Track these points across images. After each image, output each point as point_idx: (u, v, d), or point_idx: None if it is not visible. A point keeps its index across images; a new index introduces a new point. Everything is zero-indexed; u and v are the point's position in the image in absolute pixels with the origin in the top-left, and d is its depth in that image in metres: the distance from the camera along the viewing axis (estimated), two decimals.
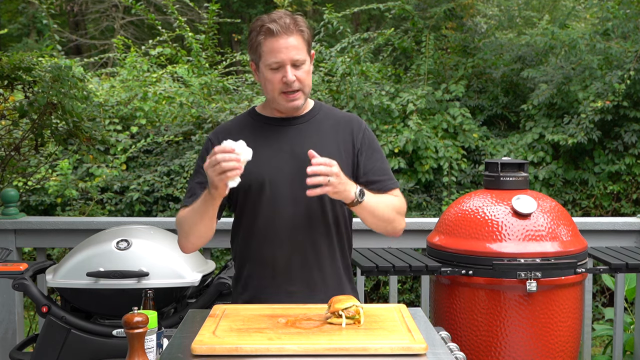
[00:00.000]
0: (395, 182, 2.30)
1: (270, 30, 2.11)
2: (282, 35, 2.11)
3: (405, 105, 5.64)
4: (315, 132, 2.24)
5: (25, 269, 2.92)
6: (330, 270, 2.24)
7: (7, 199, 3.72)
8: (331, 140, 2.23)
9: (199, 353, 1.66)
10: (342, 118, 2.31)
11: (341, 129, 2.26)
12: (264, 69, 2.16)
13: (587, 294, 3.34)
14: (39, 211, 5.56)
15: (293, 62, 2.13)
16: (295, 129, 2.24)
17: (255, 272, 2.24)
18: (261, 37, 2.13)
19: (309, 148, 2.10)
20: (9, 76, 3.80)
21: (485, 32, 6.74)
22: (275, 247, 2.20)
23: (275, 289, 2.20)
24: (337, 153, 2.20)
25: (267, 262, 2.21)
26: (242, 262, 2.29)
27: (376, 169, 2.26)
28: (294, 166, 2.17)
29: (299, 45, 2.14)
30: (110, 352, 2.78)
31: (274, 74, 2.15)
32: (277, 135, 2.23)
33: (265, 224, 2.20)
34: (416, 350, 1.66)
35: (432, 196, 5.62)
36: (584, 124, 5.31)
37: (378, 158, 2.28)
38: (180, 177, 5.47)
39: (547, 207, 2.78)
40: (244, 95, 6.12)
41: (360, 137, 2.26)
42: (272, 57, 2.12)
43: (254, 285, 2.25)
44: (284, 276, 2.21)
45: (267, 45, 2.13)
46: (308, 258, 2.21)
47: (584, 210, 5.52)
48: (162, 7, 9.17)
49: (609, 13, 5.95)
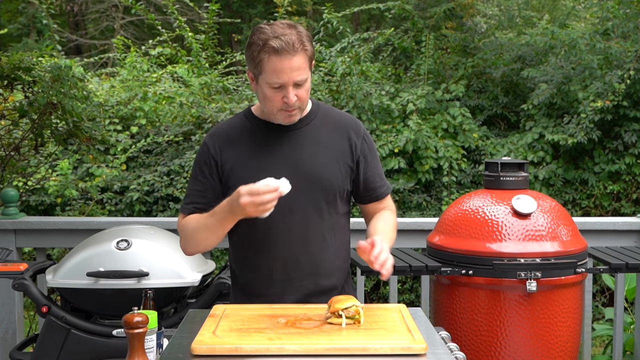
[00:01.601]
0: (389, 187, 2.35)
1: (274, 50, 2.02)
2: (286, 55, 2.02)
3: (405, 105, 5.64)
4: (313, 138, 2.20)
5: (25, 269, 2.92)
6: (327, 278, 2.22)
7: (7, 199, 3.71)
8: (329, 146, 2.21)
9: (199, 353, 1.66)
10: (341, 121, 2.27)
11: (339, 135, 2.23)
12: (264, 85, 2.09)
13: (587, 294, 3.34)
14: (39, 211, 5.56)
15: (295, 83, 2.07)
16: (293, 135, 2.19)
17: (251, 280, 2.23)
18: (264, 55, 2.03)
19: (306, 155, 2.14)
20: (8, 76, 3.80)
21: (485, 32, 6.75)
22: (271, 256, 2.18)
23: (273, 297, 2.18)
24: (334, 161, 2.20)
25: (263, 270, 2.19)
26: (238, 268, 2.28)
27: (374, 176, 2.28)
28: (291, 174, 2.09)
29: (303, 64, 2.05)
30: (110, 352, 2.78)
31: (274, 93, 2.08)
32: (275, 142, 2.19)
33: (261, 233, 2.17)
34: (416, 350, 1.66)
35: (432, 196, 5.62)
36: (584, 124, 5.31)
37: (375, 164, 2.30)
38: (180, 177, 5.47)
39: (547, 207, 2.78)
40: (244, 95, 6.13)
41: (360, 144, 2.24)
42: (275, 77, 2.04)
43: (251, 293, 2.23)
44: (280, 284, 2.19)
45: (269, 65, 2.04)
46: (304, 266, 2.19)
47: (584, 210, 5.52)
48: (162, 7, 9.17)
49: (609, 13, 5.95)
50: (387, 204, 2.35)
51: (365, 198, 2.30)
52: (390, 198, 2.37)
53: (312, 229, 2.18)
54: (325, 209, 2.18)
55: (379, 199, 2.31)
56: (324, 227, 2.19)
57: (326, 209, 2.19)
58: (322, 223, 2.19)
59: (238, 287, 2.29)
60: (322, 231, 2.19)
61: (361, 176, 2.25)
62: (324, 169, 2.18)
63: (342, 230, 2.27)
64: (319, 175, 2.17)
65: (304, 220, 2.16)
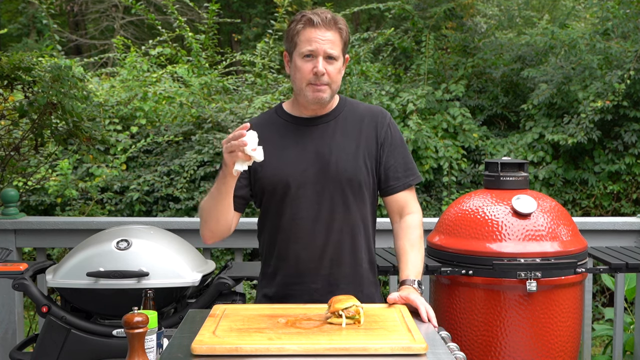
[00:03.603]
0: (416, 178, 2.31)
1: (310, 21, 2.14)
2: (320, 27, 2.13)
3: (405, 105, 5.64)
4: (339, 132, 2.24)
5: (25, 269, 2.92)
6: (353, 269, 2.26)
7: (7, 199, 3.71)
8: (354, 140, 2.24)
9: (199, 353, 1.66)
10: (367, 113, 2.31)
11: (365, 126, 2.27)
12: (297, 58, 2.17)
13: (587, 294, 3.34)
14: (39, 211, 5.56)
15: (327, 55, 2.14)
16: (319, 129, 2.24)
17: (280, 269, 2.27)
18: (300, 26, 2.16)
19: (332, 148, 2.19)
20: (8, 76, 3.79)
21: (485, 32, 6.75)
22: (299, 247, 2.22)
23: (299, 285, 2.23)
24: (360, 153, 2.23)
25: (291, 260, 2.24)
26: (267, 258, 2.32)
27: (397, 165, 2.28)
28: (317, 167, 2.19)
29: (336, 40, 2.16)
30: (110, 352, 2.78)
31: (305, 63, 2.15)
32: (302, 136, 2.24)
33: (289, 224, 2.22)
34: (416, 350, 1.66)
35: (432, 196, 5.62)
36: (584, 124, 5.31)
37: (400, 153, 2.29)
38: (180, 177, 5.47)
39: (547, 207, 2.78)
40: (244, 95, 6.13)
41: (384, 133, 2.27)
42: (307, 44, 2.14)
43: (278, 281, 2.27)
44: (307, 274, 2.23)
45: (304, 34, 2.15)
46: (331, 257, 2.23)
47: (584, 210, 5.52)
48: (162, 7, 9.17)
49: (609, 13, 5.95)
50: (413, 207, 2.30)
51: (389, 189, 2.28)
52: (416, 198, 2.33)
53: (338, 220, 2.21)
54: (352, 200, 2.22)
55: (400, 190, 2.28)
56: (350, 218, 2.22)
57: (353, 201, 2.22)
58: (348, 214, 2.22)
59: (266, 276, 2.32)
60: (348, 222, 2.22)
61: (383, 164, 2.26)
62: (350, 161, 2.21)
63: (368, 223, 2.29)
64: (344, 168, 2.20)
65: (330, 212, 2.20)
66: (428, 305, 2.03)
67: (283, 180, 2.20)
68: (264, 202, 2.26)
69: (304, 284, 2.23)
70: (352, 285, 2.24)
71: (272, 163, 2.19)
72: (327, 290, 2.20)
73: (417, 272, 2.18)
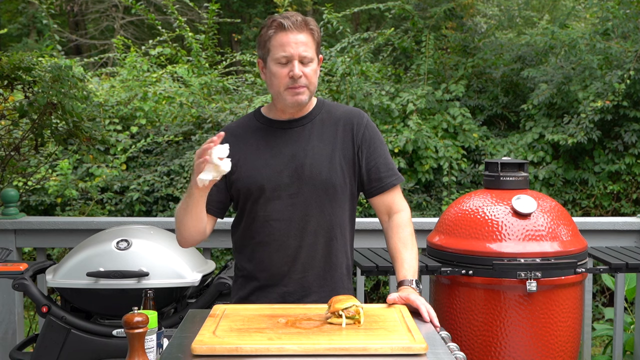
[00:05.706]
0: (398, 178, 2.28)
1: (281, 25, 2.13)
2: (292, 31, 2.12)
3: (405, 105, 5.64)
4: (315, 135, 2.22)
5: (25, 269, 2.92)
6: (327, 273, 2.24)
7: (7, 199, 3.71)
8: (330, 143, 2.22)
9: (199, 353, 1.66)
10: (343, 116, 2.28)
11: (341, 129, 2.25)
12: (272, 64, 2.15)
13: (587, 294, 3.34)
14: (39, 211, 5.56)
15: (301, 58, 2.13)
16: (296, 132, 2.23)
17: (252, 273, 2.25)
18: (271, 31, 2.14)
19: (308, 150, 2.17)
20: (9, 76, 3.79)
21: (485, 32, 6.75)
22: (272, 249, 2.21)
23: (272, 288, 2.22)
24: (336, 155, 2.21)
25: (264, 263, 2.22)
26: (240, 261, 2.30)
27: (379, 165, 2.26)
28: (292, 170, 2.18)
29: (308, 42, 2.15)
30: (110, 352, 2.79)
31: (280, 69, 2.14)
32: (278, 139, 2.22)
33: (262, 227, 2.20)
34: (416, 350, 1.66)
35: (432, 196, 5.62)
36: (583, 124, 5.31)
37: (379, 154, 2.27)
38: (180, 177, 5.47)
39: (547, 207, 2.78)
40: (244, 95, 6.13)
41: (361, 134, 2.25)
42: (281, 50, 2.12)
43: (252, 284, 2.25)
44: (280, 277, 2.21)
45: (276, 40, 2.13)
46: (304, 260, 2.21)
47: (584, 210, 5.52)
48: (162, 7, 9.17)
49: (609, 13, 5.95)
50: (400, 205, 2.29)
51: (372, 190, 2.27)
52: (401, 196, 2.31)
53: (312, 223, 2.19)
54: (327, 204, 2.20)
55: (384, 190, 2.26)
56: (324, 221, 2.20)
57: (328, 205, 2.20)
58: (322, 217, 2.20)
59: (239, 279, 2.31)
60: (323, 226, 2.21)
61: (364, 166, 2.25)
62: (325, 165, 2.19)
63: (345, 227, 2.27)
64: (318, 171, 2.18)
65: (304, 215, 2.19)
66: (429, 305, 2.02)
67: (258, 182, 2.18)
68: (239, 204, 2.25)
69: (276, 286, 2.21)
70: (326, 289, 2.21)
71: (248, 165, 2.19)
72: (300, 294, 2.20)
73: (414, 271, 2.17)
